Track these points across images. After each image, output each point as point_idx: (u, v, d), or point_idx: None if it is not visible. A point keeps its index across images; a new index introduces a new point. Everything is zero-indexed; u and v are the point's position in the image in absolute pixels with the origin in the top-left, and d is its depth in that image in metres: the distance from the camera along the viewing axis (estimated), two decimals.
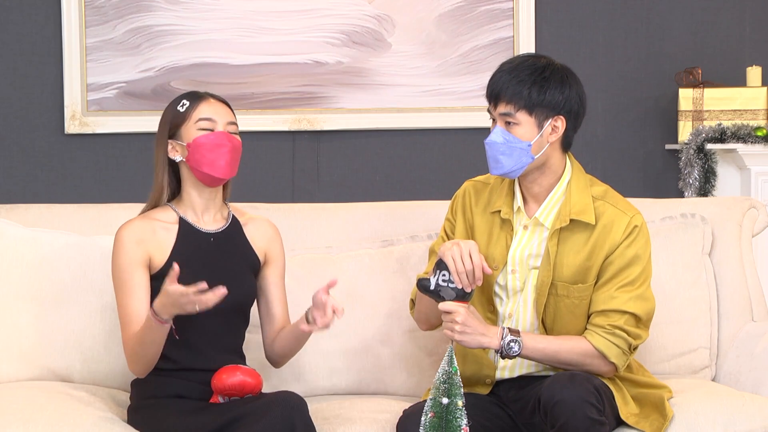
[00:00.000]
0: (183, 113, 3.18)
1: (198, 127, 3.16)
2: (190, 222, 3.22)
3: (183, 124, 3.18)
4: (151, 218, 3.20)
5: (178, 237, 3.19)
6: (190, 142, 3.16)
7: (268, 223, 3.34)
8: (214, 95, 3.24)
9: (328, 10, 5.25)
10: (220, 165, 3.16)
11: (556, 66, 3.16)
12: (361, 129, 5.30)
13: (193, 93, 3.24)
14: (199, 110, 3.18)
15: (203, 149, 3.14)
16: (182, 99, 3.21)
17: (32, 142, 5.21)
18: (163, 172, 3.22)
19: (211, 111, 3.19)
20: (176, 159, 3.19)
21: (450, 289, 3.07)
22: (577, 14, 5.35)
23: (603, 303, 3.15)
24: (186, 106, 3.19)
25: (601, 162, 5.33)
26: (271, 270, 3.29)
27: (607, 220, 3.17)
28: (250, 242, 3.27)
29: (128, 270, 3.13)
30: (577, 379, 2.99)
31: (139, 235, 3.16)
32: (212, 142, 3.15)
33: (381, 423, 3.19)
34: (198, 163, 3.15)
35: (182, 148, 3.18)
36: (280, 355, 3.27)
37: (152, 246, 3.16)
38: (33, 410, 3.09)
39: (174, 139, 3.19)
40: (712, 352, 3.60)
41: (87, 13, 5.17)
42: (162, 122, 3.22)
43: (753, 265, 3.71)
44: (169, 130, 3.20)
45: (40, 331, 3.42)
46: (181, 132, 3.18)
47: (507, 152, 3.13)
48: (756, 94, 5.20)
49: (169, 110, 3.22)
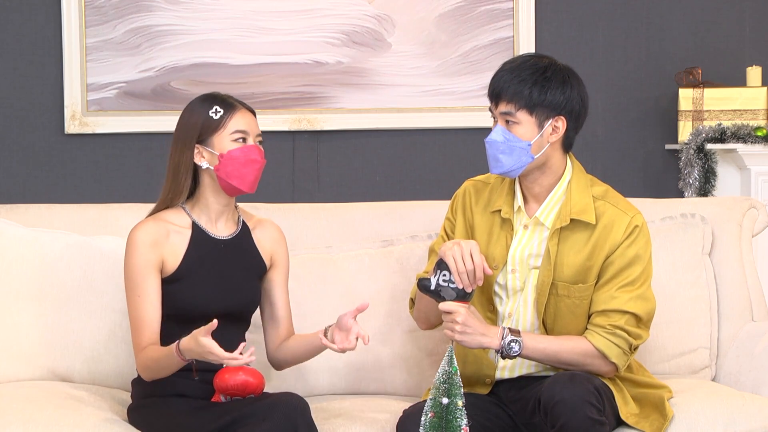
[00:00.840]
0: (217, 120, 3.13)
1: (232, 138, 3.13)
2: (203, 227, 3.20)
3: (216, 133, 3.13)
4: (164, 221, 3.18)
5: (190, 242, 3.17)
6: (224, 153, 3.12)
7: (274, 226, 3.33)
8: (243, 103, 3.19)
9: (328, 10, 5.25)
10: (249, 180, 3.15)
11: (559, 66, 3.16)
12: (361, 129, 5.30)
13: (223, 99, 3.17)
14: (234, 121, 3.14)
15: (236, 163, 3.12)
16: (213, 104, 3.15)
17: (32, 142, 5.21)
18: (186, 176, 3.16)
19: (246, 123, 3.15)
20: (203, 165, 3.15)
21: (450, 289, 3.07)
22: (577, 14, 5.35)
23: (603, 303, 3.15)
24: (221, 114, 3.13)
25: (601, 162, 5.33)
26: (276, 273, 3.29)
27: (607, 220, 3.17)
28: (258, 247, 3.26)
29: (142, 273, 3.11)
30: (578, 379, 2.99)
31: (153, 237, 3.14)
32: (246, 156, 3.13)
33: (381, 423, 3.19)
34: (228, 175, 3.13)
35: (211, 156, 3.14)
36: (287, 360, 3.26)
37: (166, 250, 3.14)
38: (33, 410, 3.09)
39: (203, 145, 3.15)
40: (712, 352, 3.60)
41: (87, 13, 5.17)
42: (189, 124, 3.15)
43: (753, 265, 3.71)
44: (199, 135, 3.15)
45: (40, 331, 3.42)
46: (213, 140, 3.13)
47: (507, 151, 3.13)
48: (756, 94, 5.20)
49: (198, 114, 3.15)
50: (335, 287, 3.52)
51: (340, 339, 3.05)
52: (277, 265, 3.29)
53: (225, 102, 3.17)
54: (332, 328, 3.08)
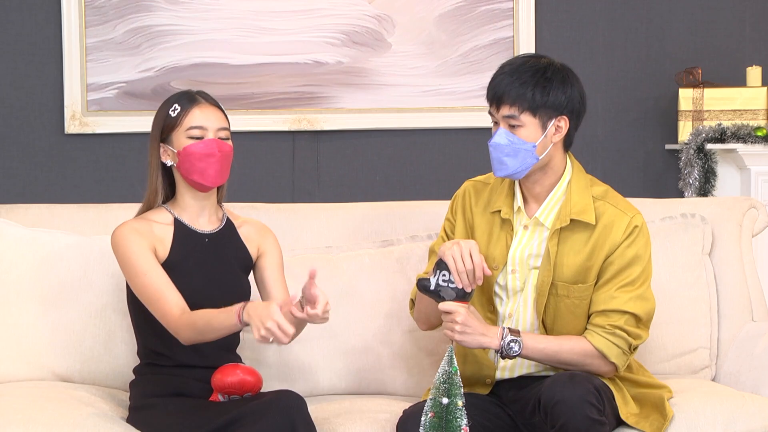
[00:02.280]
0: (174, 118, 3.16)
1: (188, 135, 3.15)
2: (186, 223, 3.22)
3: (174, 130, 3.16)
4: (147, 219, 3.21)
5: (174, 237, 3.19)
6: (180, 150, 3.15)
7: (260, 223, 3.35)
8: (206, 97, 3.21)
9: (328, 10, 5.25)
10: (210, 174, 3.15)
11: (557, 66, 3.16)
12: (361, 129, 5.30)
13: (186, 95, 3.20)
14: (190, 117, 3.16)
15: (193, 158, 3.14)
16: (174, 103, 3.18)
17: (32, 142, 5.21)
18: (156, 175, 3.21)
19: (203, 118, 3.16)
20: (167, 163, 3.19)
21: (450, 289, 3.07)
22: (577, 14, 5.35)
23: (603, 303, 3.15)
24: (177, 111, 3.16)
25: (601, 162, 5.33)
26: (266, 259, 3.28)
27: (607, 220, 3.17)
28: (244, 242, 3.27)
29: (142, 254, 3.11)
30: (578, 379, 2.99)
31: (138, 229, 3.16)
32: (201, 151, 3.14)
33: (381, 423, 3.19)
34: (188, 171, 3.15)
35: (173, 154, 3.17)
36: None
37: (153, 239, 3.16)
38: (33, 410, 3.09)
39: (166, 144, 3.18)
40: (712, 352, 3.60)
41: (87, 13, 5.17)
42: (154, 124, 3.21)
43: (753, 265, 3.71)
44: (161, 134, 3.18)
45: (40, 332, 3.42)
46: (172, 137, 3.17)
47: (512, 154, 3.13)
48: (756, 94, 5.20)
49: (161, 112, 3.20)
50: (335, 287, 3.52)
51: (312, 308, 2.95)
52: (266, 253, 3.28)
53: (186, 98, 3.19)
54: (303, 301, 2.98)
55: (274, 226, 3.46)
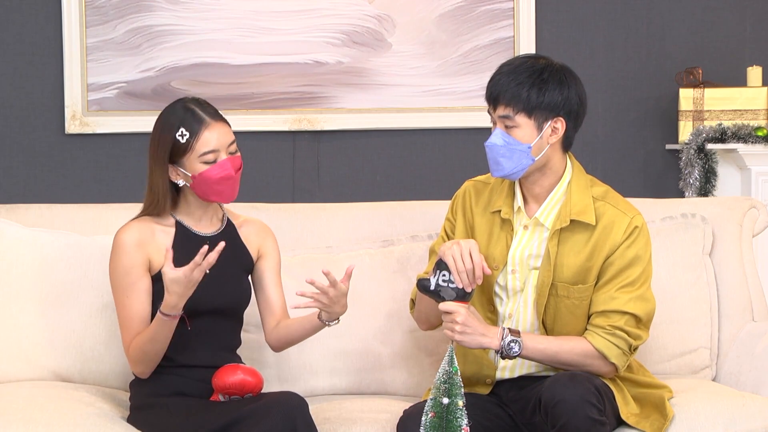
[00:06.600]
0: (184, 144, 3.11)
1: (202, 160, 3.12)
2: (187, 225, 3.22)
3: (185, 155, 3.12)
4: (149, 221, 3.21)
5: (175, 240, 3.19)
6: (196, 175, 3.13)
7: (261, 222, 3.35)
8: (207, 110, 3.15)
9: (328, 10, 5.25)
10: (228, 194, 3.16)
11: (555, 66, 3.16)
12: (361, 129, 5.30)
13: (189, 114, 3.13)
14: (201, 142, 3.11)
15: (210, 182, 3.13)
16: (179, 126, 3.12)
17: (32, 142, 5.21)
18: (165, 197, 3.18)
19: (214, 140, 3.12)
20: (179, 183, 3.17)
21: (450, 289, 3.07)
22: (577, 14, 5.35)
23: (603, 303, 3.15)
24: (187, 137, 3.11)
25: (601, 162, 5.33)
26: (266, 261, 3.29)
27: (607, 220, 3.17)
28: (245, 242, 3.28)
29: (130, 273, 3.13)
30: (578, 379, 2.99)
31: (138, 237, 3.16)
32: (218, 175, 3.12)
33: (381, 423, 3.19)
34: (205, 192, 3.15)
35: (185, 176, 3.15)
36: (284, 340, 3.24)
37: (152, 248, 3.16)
38: (33, 410, 3.09)
39: (176, 166, 3.15)
40: (712, 352, 3.60)
41: (87, 13, 5.16)
42: (159, 144, 3.14)
43: (753, 265, 3.71)
44: (170, 156, 3.14)
45: (40, 332, 3.42)
46: (184, 162, 3.13)
47: (507, 154, 3.13)
48: (756, 94, 5.20)
49: (166, 135, 3.13)
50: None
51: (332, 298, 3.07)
52: (266, 255, 3.29)
53: (190, 118, 3.12)
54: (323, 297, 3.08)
55: (275, 226, 3.46)
